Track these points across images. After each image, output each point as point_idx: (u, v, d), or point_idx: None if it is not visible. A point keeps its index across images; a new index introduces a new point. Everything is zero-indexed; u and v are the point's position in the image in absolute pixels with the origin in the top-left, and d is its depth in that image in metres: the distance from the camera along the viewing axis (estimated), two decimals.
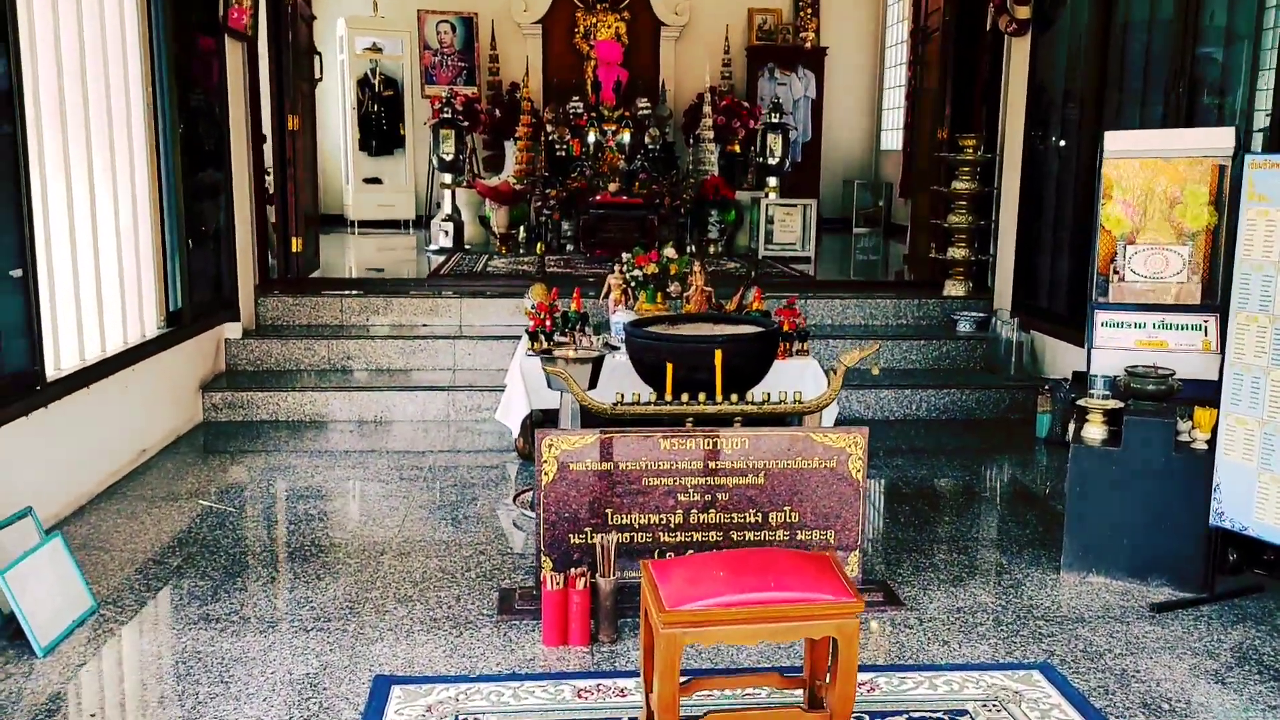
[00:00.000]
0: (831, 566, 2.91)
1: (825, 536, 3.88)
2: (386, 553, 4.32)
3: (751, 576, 2.78)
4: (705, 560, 2.88)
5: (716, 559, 2.89)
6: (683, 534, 3.83)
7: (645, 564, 2.90)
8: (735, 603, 2.71)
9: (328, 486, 5.19)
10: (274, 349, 6.80)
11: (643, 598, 2.90)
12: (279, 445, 5.90)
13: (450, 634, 3.60)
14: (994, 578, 4.17)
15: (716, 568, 2.82)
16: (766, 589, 2.75)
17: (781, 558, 2.89)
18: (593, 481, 3.76)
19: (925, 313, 7.46)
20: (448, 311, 7.23)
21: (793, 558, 2.90)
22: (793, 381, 5.51)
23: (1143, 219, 4.41)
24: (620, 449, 3.76)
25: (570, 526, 3.77)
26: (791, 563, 2.86)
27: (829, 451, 3.84)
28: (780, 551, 2.97)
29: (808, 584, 2.78)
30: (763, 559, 2.88)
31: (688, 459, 3.79)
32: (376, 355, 6.84)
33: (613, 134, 10.94)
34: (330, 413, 6.37)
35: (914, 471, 5.57)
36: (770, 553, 2.94)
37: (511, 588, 3.94)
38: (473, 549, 4.37)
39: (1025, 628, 3.72)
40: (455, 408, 6.43)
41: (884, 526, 4.72)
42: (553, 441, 3.73)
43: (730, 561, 2.86)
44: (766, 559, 2.88)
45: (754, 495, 3.83)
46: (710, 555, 2.94)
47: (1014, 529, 4.71)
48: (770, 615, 2.72)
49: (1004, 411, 6.62)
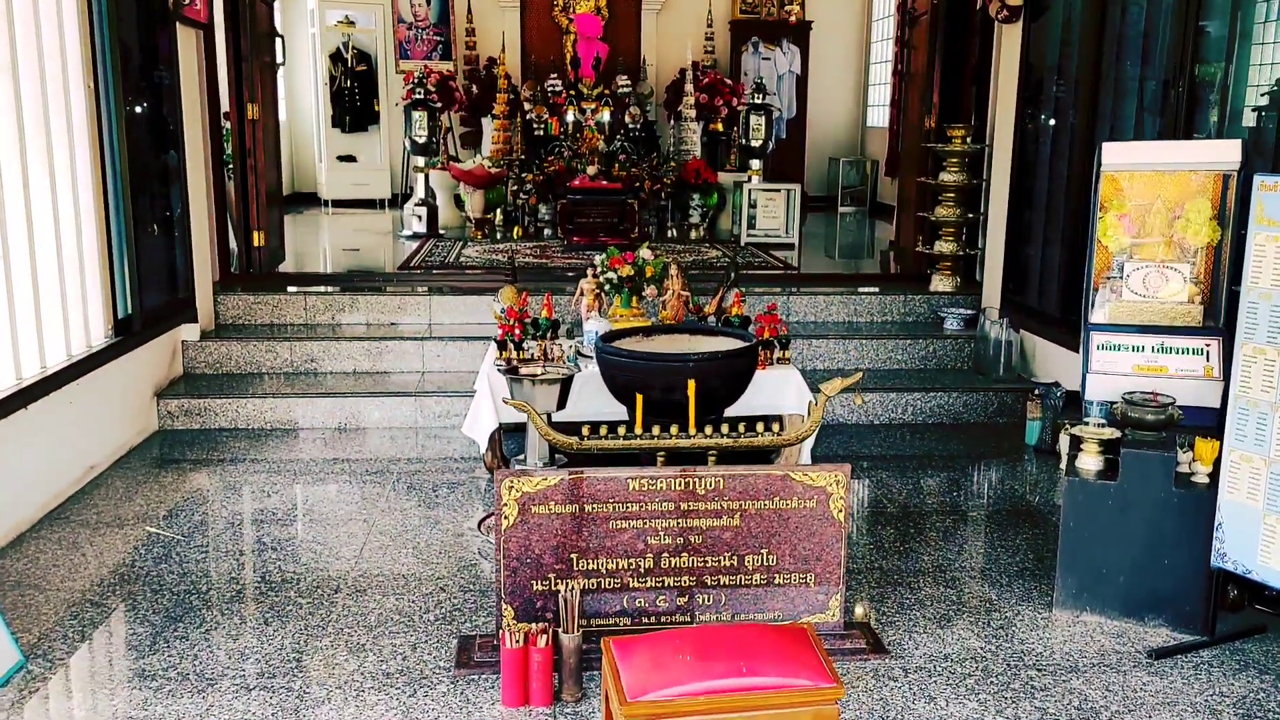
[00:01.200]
0: (809, 642, 2.68)
1: (804, 580, 3.65)
2: (342, 590, 4.08)
3: (721, 660, 2.55)
4: (671, 640, 2.65)
5: (683, 638, 2.66)
6: (653, 579, 3.59)
7: (606, 643, 2.67)
8: (703, 691, 2.49)
9: (284, 508, 4.93)
10: (234, 351, 6.52)
11: (604, 680, 2.67)
12: (237, 456, 5.64)
13: (403, 692, 3.36)
14: (983, 616, 3.95)
15: (683, 649, 2.59)
16: (737, 674, 2.52)
17: (754, 637, 2.66)
18: (557, 525, 3.52)
19: (911, 309, 7.22)
20: (417, 310, 6.96)
21: (766, 636, 2.67)
22: (773, 394, 5.27)
23: (1141, 234, 4.16)
24: (586, 490, 3.51)
25: (533, 573, 3.53)
26: (765, 642, 2.63)
27: (809, 491, 3.60)
28: (753, 629, 2.73)
29: (783, 667, 2.55)
30: (734, 638, 2.65)
31: (659, 500, 3.55)
32: (342, 357, 6.56)
33: (592, 113, 10.63)
34: (293, 420, 6.10)
35: (898, 485, 5.35)
36: (742, 631, 2.70)
37: (471, 635, 3.70)
38: (433, 584, 4.13)
39: (1017, 679, 3.50)
40: (423, 414, 6.17)
41: (867, 554, 4.50)
42: (513, 483, 3.48)
43: (698, 642, 2.63)
44: (738, 638, 2.64)
45: (729, 538, 3.60)
46: (677, 634, 2.70)
47: (1003, 556, 4.49)
48: (741, 705, 2.50)
49: (992, 415, 6.40)
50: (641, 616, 3.61)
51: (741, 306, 5.62)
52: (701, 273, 7.77)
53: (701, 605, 3.62)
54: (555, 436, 3.73)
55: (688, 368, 4.25)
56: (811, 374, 6.33)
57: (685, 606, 3.62)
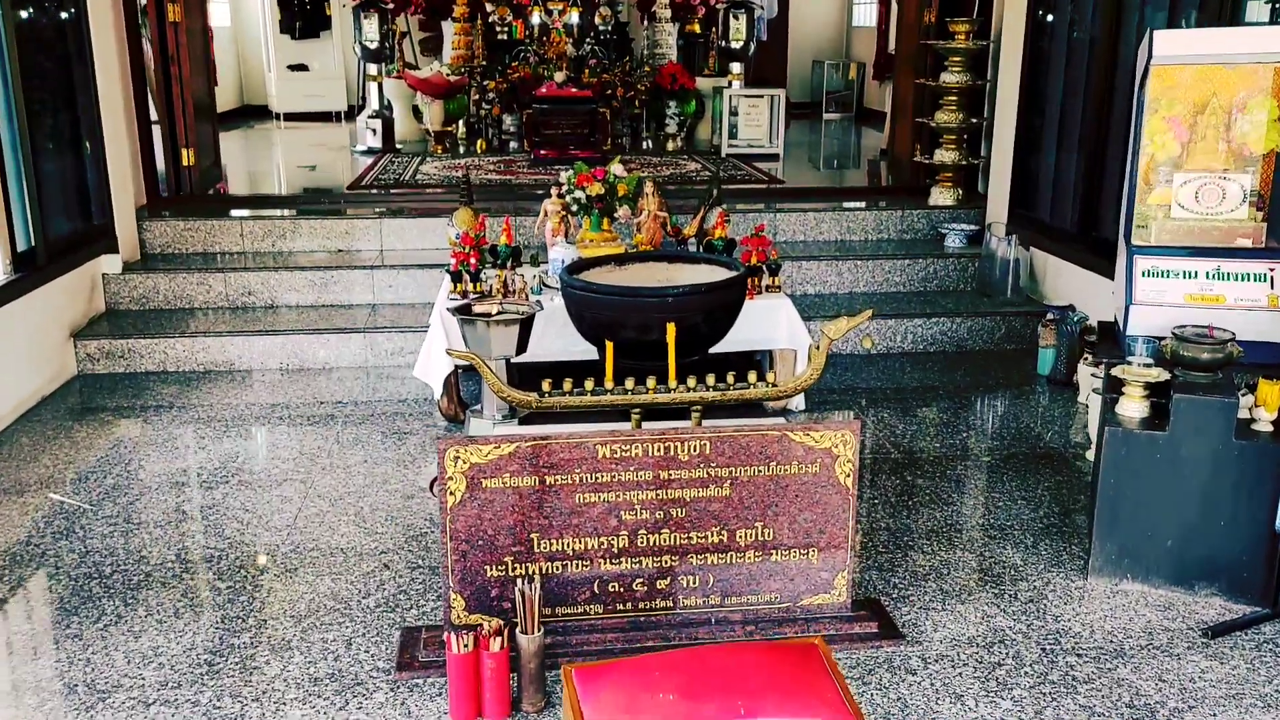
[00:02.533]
0: (821, 663, 2.14)
1: (806, 555, 3.11)
2: (269, 570, 3.52)
3: (712, 699, 2.00)
4: (649, 670, 2.10)
5: (665, 666, 2.11)
6: (629, 559, 3.05)
7: (567, 673, 2.12)
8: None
9: (211, 466, 4.35)
10: (162, 285, 5.87)
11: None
12: (164, 403, 5.04)
13: (333, 702, 2.83)
14: (1008, 586, 3.44)
15: (664, 683, 2.04)
16: (734, 715, 1.98)
17: (752, 660, 2.11)
18: (513, 500, 2.95)
19: (909, 225, 6.61)
20: (367, 235, 6.31)
21: (767, 657, 2.13)
22: (762, 327, 4.70)
23: (1193, 140, 3.56)
24: (548, 459, 2.94)
25: (486, 556, 2.98)
26: (767, 669, 2.09)
27: (811, 453, 3.05)
28: (751, 651, 2.18)
29: (790, 702, 2.01)
30: (727, 665, 2.10)
31: (634, 468, 2.98)
32: (284, 289, 5.93)
33: (559, 14, 9.85)
34: (228, 361, 5.49)
35: (900, 425, 4.81)
36: (737, 655, 2.15)
37: (417, 628, 3.16)
38: (376, 560, 3.58)
39: (1055, 667, 2.99)
40: (374, 352, 5.57)
41: (870, 511, 3.97)
42: (459, 453, 2.91)
43: (683, 671, 2.08)
44: (733, 666, 2.10)
45: (718, 510, 3.05)
46: (657, 661, 2.14)
47: (1025, 511, 3.97)
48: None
49: (999, 342, 5.85)
50: (616, 602, 3.07)
51: (725, 228, 5.01)
52: (679, 188, 7.12)
53: (686, 588, 3.09)
54: (510, 394, 3.14)
55: (666, 306, 3.66)
56: (801, 300, 5.76)
57: (666, 590, 3.08)
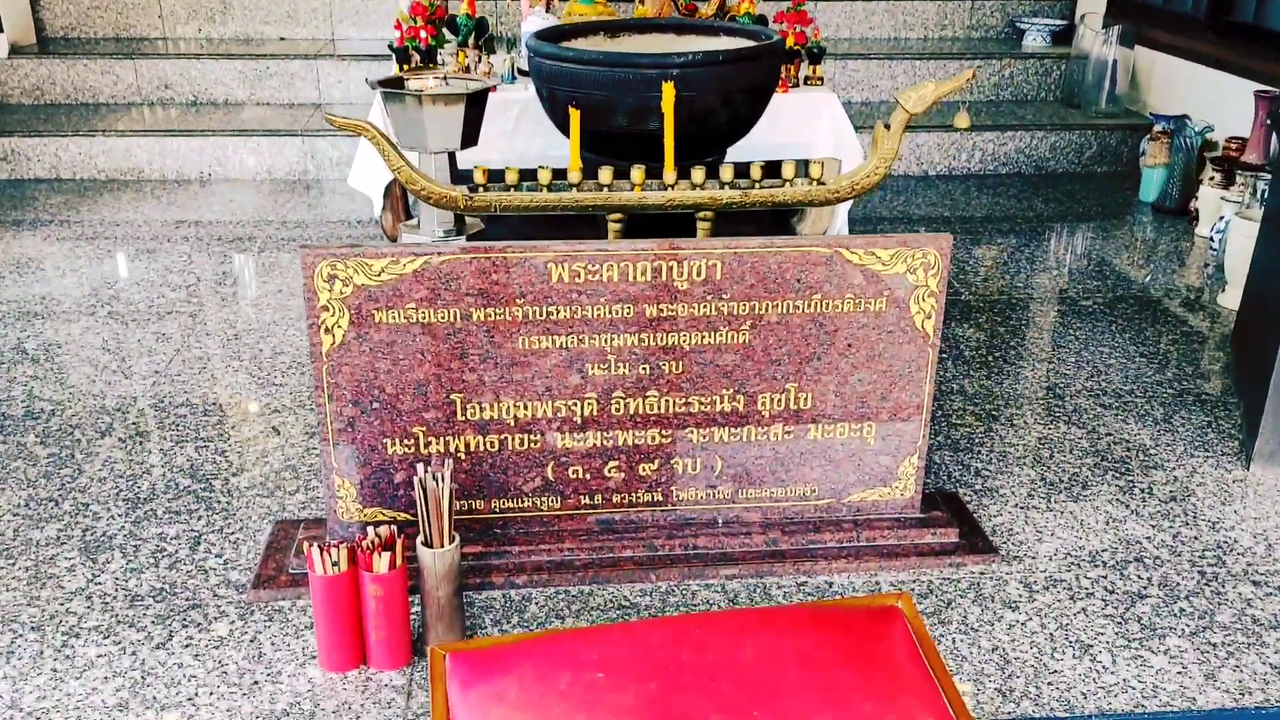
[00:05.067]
0: (910, 645, 1.17)
1: (859, 433, 2.13)
2: (114, 430, 2.57)
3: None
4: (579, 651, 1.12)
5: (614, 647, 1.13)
6: (598, 434, 2.07)
7: (435, 654, 1.15)
8: None
9: (82, 293, 3.38)
10: (59, 73, 4.80)
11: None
12: (47, 217, 4.04)
13: (149, 635, 1.90)
14: (1138, 477, 2.46)
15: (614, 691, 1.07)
16: None
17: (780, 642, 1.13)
18: (423, 345, 1.96)
19: (979, 20, 5.42)
20: (312, 17, 5.18)
21: (809, 634, 1.15)
22: (800, 130, 3.62)
23: None
24: (474, 283, 1.94)
25: (386, 426, 2.00)
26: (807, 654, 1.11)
27: (875, 282, 2.03)
28: (779, 616, 1.18)
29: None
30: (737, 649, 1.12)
31: (606, 300, 1.97)
32: (209, 82, 4.84)
33: None
34: (136, 168, 4.46)
35: (970, 262, 3.78)
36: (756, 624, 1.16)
37: (294, 523, 2.21)
38: (263, 423, 2.62)
39: (1223, 603, 2.03)
40: (314, 160, 4.52)
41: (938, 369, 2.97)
42: (337, 269, 1.90)
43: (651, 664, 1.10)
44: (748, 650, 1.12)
45: (731, 364, 2.05)
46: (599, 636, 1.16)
47: (1147, 373, 2.97)
48: None
49: (1090, 162, 4.75)
50: (579, 494, 2.11)
51: (754, 3, 3.87)
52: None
53: (683, 477, 2.12)
54: (427, 186, 2.12)
55: (664, 72, 2.59)
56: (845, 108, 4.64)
57: (656, 479, 2.11)
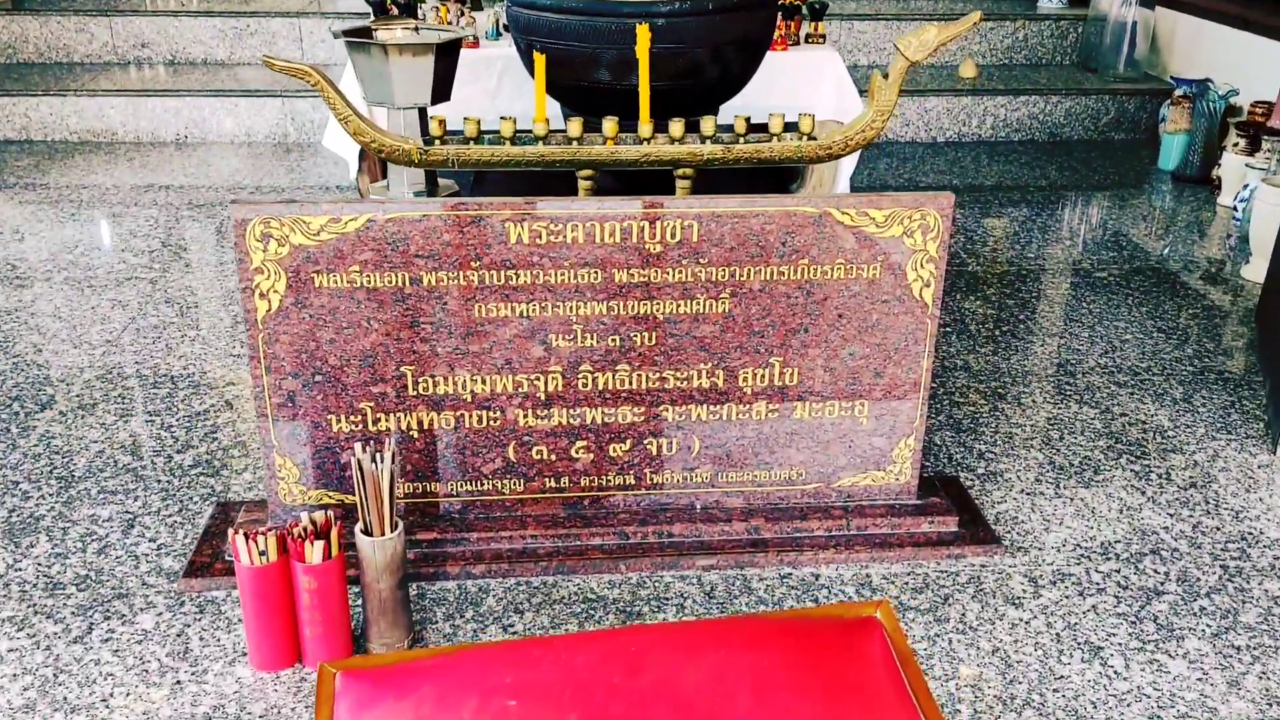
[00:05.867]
0: (890, 666, 0.99)
1: (851, 411, 1.95)
2: (55, 403, 2.40)
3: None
4: (489, 671, 0.94)
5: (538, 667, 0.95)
6: (563, 411, 1.89)
7: (325, 672, 0.97)
8: None
9: (36, 256, 3.21)
10: (32, 31, 4.62)
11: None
12: (13, 180, 3.88)
13: (67, 628, 1.73)
14: (1155, 462, 2.27)
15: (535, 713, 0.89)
16: None
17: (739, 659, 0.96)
18: (369, 312, 1.78)
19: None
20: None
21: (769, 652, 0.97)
22: (797, 88, 3.42)
23: None
24: (423, 244, 1.76)
25: (330, 399, 1.83)
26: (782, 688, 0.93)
27: (869, 246, 1.84)
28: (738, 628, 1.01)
29: None
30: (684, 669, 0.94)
31: (571, 264, 1.79)
32: (187, 41, 4.66)
33: None
34: (109, 129, 4.29)
35: (979, 233, 3.58)
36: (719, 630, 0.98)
37: (235, 506, 2.04)
38: (216, 396, 2.45)
39: (1248, 600, 1.85)
40: (294, 123, 4.34)
41: (938, 342, 2.80)
42: (271, 227, 1.72)
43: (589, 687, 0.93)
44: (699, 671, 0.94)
45: (710, 335, 1.86)
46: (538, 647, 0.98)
47: (1166, 349, 2.78)
48: None
49: (1106, 129, 4.54)
50: (543, 477, 1.93)
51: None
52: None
53: (656, 458, 1.94)
54: (378, 137, 1.93)
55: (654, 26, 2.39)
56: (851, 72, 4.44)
57: (627, 461, 1.94)
